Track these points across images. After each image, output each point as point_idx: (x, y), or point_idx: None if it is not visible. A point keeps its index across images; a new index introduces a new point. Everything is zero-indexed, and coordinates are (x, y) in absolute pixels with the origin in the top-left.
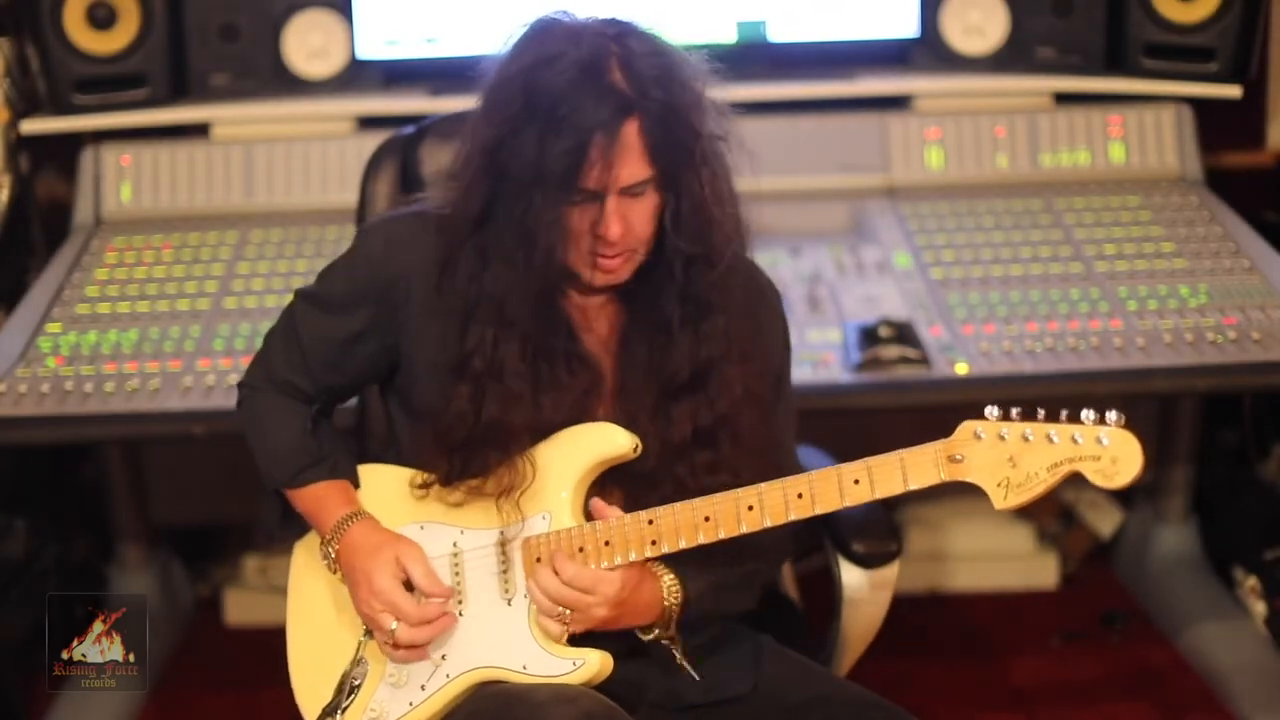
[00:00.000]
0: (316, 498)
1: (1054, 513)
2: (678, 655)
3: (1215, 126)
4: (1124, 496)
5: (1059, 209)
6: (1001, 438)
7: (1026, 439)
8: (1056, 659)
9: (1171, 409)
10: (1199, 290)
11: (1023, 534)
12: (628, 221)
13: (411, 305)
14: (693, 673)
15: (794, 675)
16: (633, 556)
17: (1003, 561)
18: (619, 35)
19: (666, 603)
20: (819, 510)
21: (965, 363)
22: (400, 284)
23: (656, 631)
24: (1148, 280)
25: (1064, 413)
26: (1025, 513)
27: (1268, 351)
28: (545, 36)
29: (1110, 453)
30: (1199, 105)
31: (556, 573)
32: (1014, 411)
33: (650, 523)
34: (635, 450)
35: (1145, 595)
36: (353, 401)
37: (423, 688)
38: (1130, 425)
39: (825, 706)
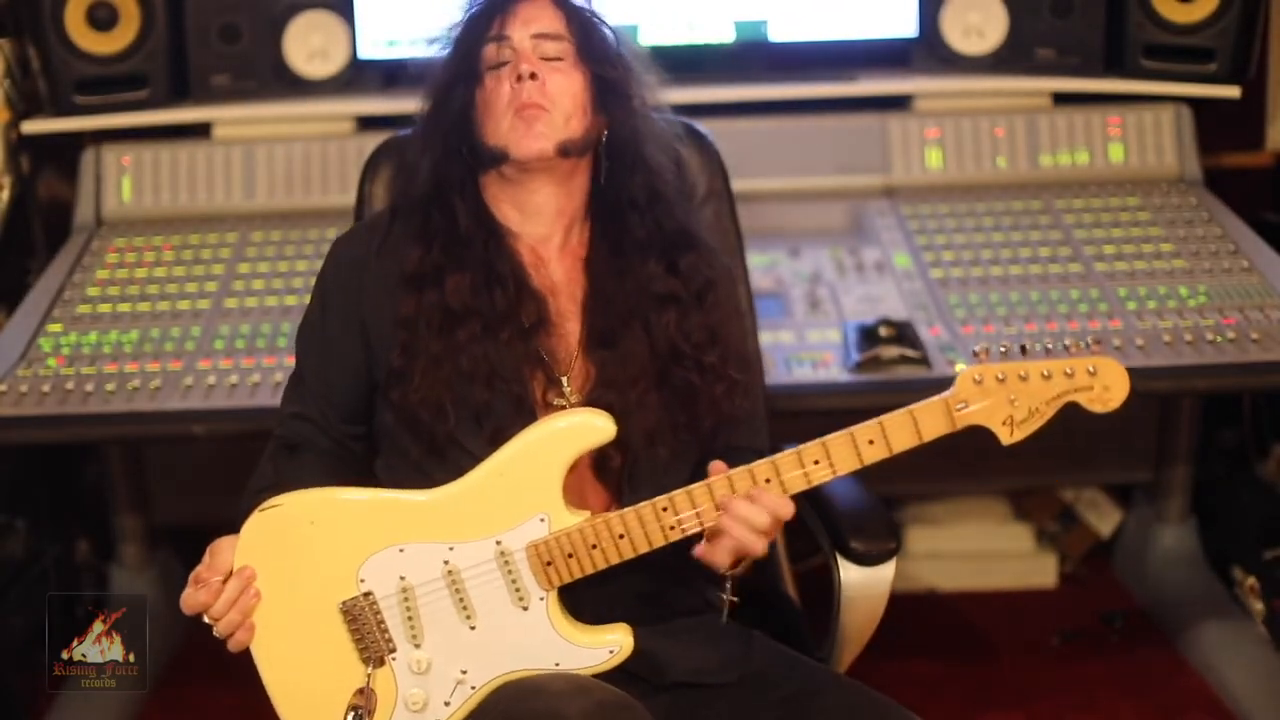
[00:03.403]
0: None
1: (1054, 513)
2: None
3: (1214, 127)
4: (1124, 496)
5: (1059, 209)
6: (1000, 380)
7: (1023, 378)
8: (1056, 659)
9: (1171, 409)
10: (1198, 290)
11: (1022, 534)
12: (544, 78)
13: (367, 298)
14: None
15: (785, 667)
16: (651, 546)
17: (1002, 561)
18: None
19: None
20: (840, 472)
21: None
22: (353, 282)
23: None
24: (1147, 280)
25: (1048, 344)
26: (1025, 512)
27: (1267, 351)
28: None
29: (1100, 381)
30: (1198, 105)
31: (753, 501)
32: (1000, 348)
33: (665, 509)
34: (612, 435)
35: (1145, 595)
36: None
37: (446, 704)
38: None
39: (815, 697)
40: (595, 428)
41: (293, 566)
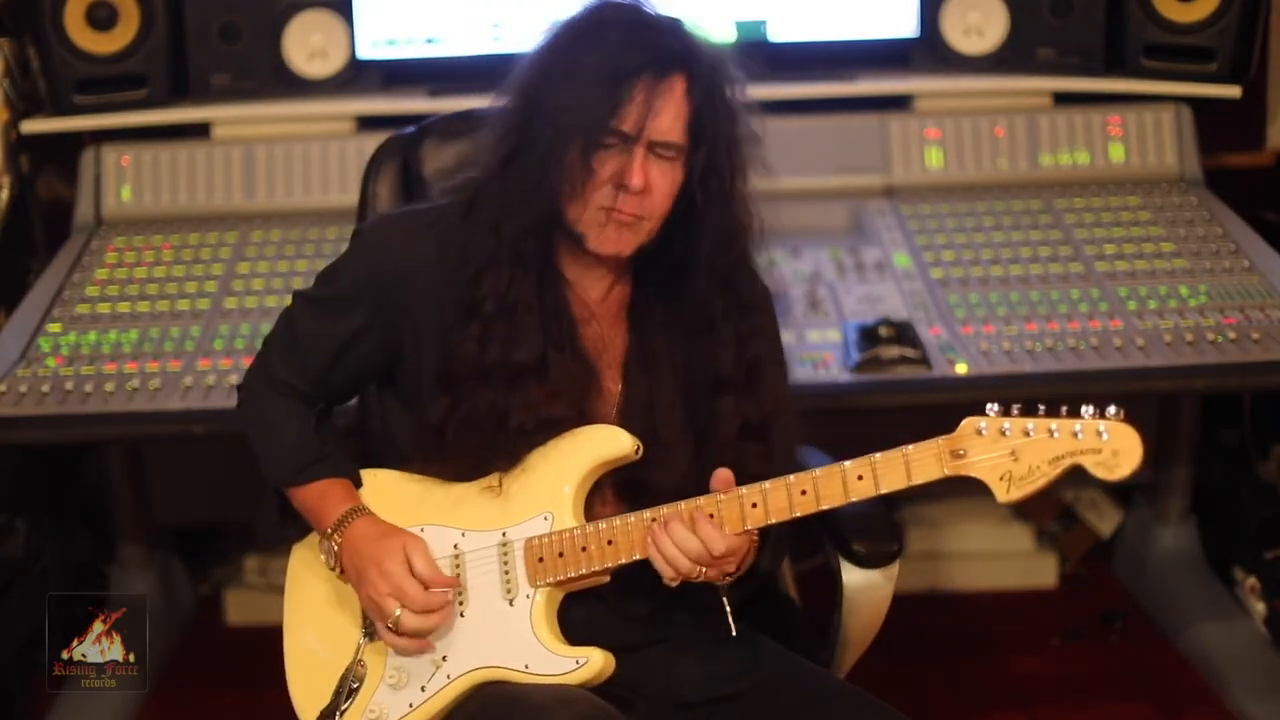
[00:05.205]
0: (319, 494)
1: (1054, 512)
2: (726, 603)
3: (1215, 126)
4: (1124, 496)
5: (1059, 209)
6: (1003, 433)
7: (1028, 434)
8: (1056, 658)
9: (1171, 409)
10: (1199, 290)
11: (1022, 533)
12: (649, 182)
13: (413, 303)
14: (732, 624)
15: (791, 674)
16: (636, 556)
17: (1002, 561)
18: (677, 21)
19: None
20: (823, 506)
21: (965, 363)
22: (399, 282)
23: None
24: (1148, 280)
25: (1064, 408)
26: (1025, 512)
27: (1267, 351)
28: (606, 6)
29: (1110, 446)
30: (1199, 105)
31: (701, 537)
32: (1014, 408)
33: (654, 521)
34: (636, 452)
35: (1145, 595)
36: (353, 402)
37: (423, 689)
38: (1130, 420)
39: (820, 706)
40: (615, 440)
41: None
